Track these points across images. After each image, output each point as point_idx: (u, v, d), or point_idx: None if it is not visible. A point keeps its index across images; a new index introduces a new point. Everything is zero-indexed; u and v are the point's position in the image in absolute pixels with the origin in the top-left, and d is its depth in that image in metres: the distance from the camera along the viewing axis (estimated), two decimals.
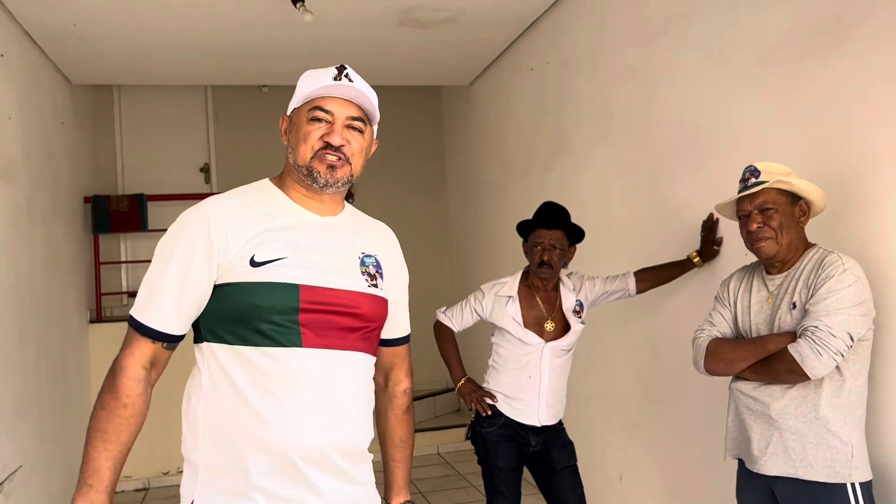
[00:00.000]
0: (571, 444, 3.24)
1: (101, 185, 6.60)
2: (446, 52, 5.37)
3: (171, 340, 1.63)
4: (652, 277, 3.29)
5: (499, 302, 3.19)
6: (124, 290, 6.55)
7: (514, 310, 3.15)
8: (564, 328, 3.18)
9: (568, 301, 3.21)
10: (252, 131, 6.89)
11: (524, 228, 3.22)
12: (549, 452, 3.17)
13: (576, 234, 3.18)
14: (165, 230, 1.67)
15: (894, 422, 2.26)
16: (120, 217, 6.10)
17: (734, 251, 2.99)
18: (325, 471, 1.62)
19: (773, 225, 2.23)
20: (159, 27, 4.54)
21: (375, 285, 1.75)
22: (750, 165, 2.29)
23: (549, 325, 3.16)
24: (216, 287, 1.62)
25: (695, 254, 3.20)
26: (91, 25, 4.43)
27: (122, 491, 5.53)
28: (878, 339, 2.24)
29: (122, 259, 6.60)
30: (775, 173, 2.25)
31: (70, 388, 5.08)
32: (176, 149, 6.93)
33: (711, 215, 3.13)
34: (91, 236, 6.14)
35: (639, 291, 3.29)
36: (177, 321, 1.62)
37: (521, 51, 5.16)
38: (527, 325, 3.14)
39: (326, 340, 1.64)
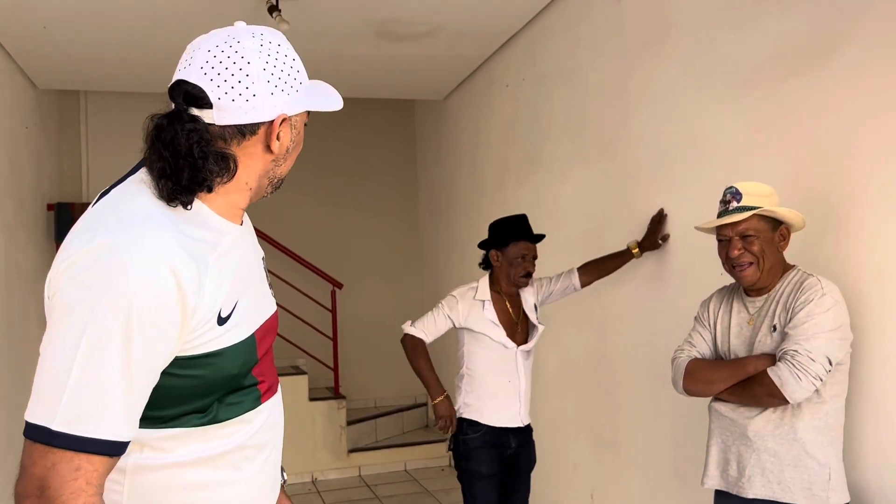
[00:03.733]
0: (534, 443, 3.38)
1: (66, 192, 6.44)
2: (421, 66, 5.35)
3: (124, 450, 1.14)
4: (594, 270, 3.40)
5: (475, 306, 3.22)
6: None
7: (491, 313, 3.21)
8: (527, 331, 3.29)
9: (528, 304, 3.32)
10: None
11: (501, 239, 3.28)
12: (520, 454, 3.29)
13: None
14: None
15: (871, 444, 2.26)
16: None
17: (712, 270, 2.98)
18: None
19: (755, 250, 2.21)
20: (129, 32, 4.45)
21: (271, 285, 1.44)
22: (731, 187, 2.25)
23: (517, 329, 3.27)
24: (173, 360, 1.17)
25: (635, 243, 3.30)
26: (60, 28, 4.33)
27: None
28: (854, 361, 2.24)
29: None
30: (758, 195, 2.22)
31: (28, 399, 4.92)
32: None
33: (661, 210, 3.25)
34: (54, 244, 5.97)
35: (583, 285, 3.39)
36: (133, 420, 1.13)
37: (497, 66, 5.16)
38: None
39: (271, 382, 1.35)
